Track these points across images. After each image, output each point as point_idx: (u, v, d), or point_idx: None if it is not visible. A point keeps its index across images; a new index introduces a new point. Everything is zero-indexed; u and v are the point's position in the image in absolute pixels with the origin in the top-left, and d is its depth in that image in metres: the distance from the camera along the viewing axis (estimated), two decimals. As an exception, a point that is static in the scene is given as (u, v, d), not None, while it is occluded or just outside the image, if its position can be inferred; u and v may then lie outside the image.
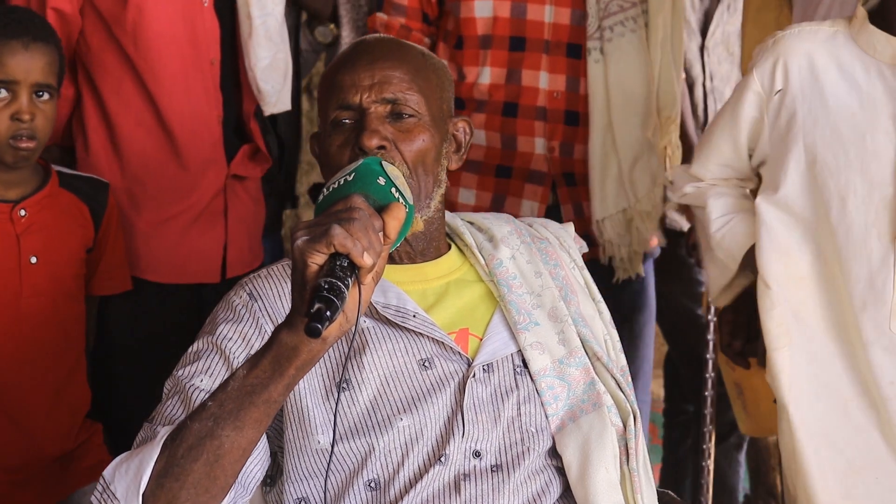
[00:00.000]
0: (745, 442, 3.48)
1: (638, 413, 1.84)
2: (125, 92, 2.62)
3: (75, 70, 2.65)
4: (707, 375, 3.14)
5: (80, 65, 2.64)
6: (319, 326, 1.39)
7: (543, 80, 2.67)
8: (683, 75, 2.99)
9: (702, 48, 3.15)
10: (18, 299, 2.33)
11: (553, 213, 2.73)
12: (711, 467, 3.22)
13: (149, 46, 2.59)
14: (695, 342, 3.29)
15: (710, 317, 3.14)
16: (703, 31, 3.17)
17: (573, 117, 2.71)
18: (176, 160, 2.66)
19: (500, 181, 2.75)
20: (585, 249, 2.06)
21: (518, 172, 2.73)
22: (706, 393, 3.15)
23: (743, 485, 3.57)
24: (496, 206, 2.73)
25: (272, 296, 1.79)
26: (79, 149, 2.66)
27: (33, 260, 2.34)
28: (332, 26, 3.33)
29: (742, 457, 3.49)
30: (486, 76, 2.68)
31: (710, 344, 3.14)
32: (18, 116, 2.26)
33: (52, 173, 2.42)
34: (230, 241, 2.76)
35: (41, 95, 2.30)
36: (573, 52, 2.69)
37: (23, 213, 2.33)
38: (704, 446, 3.18)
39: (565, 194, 2.74)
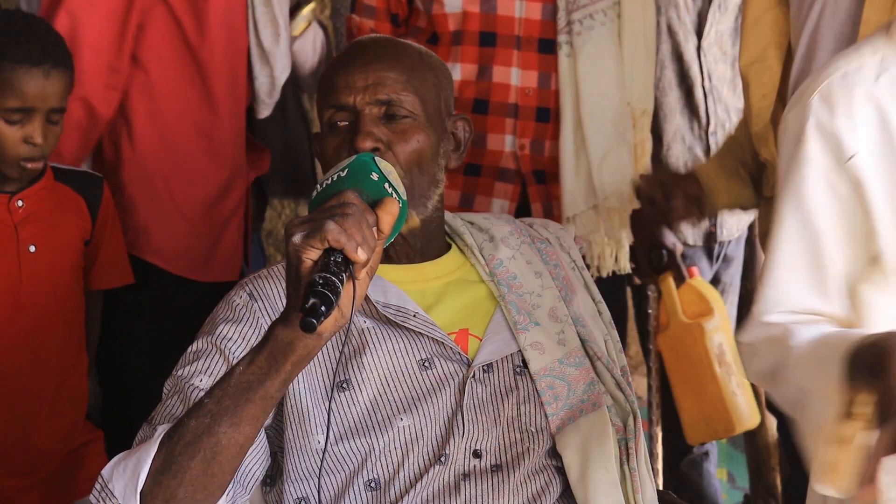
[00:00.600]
0: (713, 453, 3.45)
1: (638, 413, 1.82)
2: (184, 91, 2.66)
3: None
4: (650, 382, 3.13)
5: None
6: (314, 321, 1.39)
7: (515, 77, 2.64)
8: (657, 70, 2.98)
9: (698, 48, 3.16)
10: (19, 287, 2.35)
11: (523, 213, 2.69)
12: (661, 468, 3.20)
13: (214, 47, 2.64)
14: None
15: (649, 327, 3.13)
16: (698, 32, 3.17)
17: (544, 114, 2.67)
18: (218, 159, 2.71)
19: (469, 179, 2.71)
20: (586, 250, 2.06)
21: (487, 171, 2.70)
22: (650, 398, 3.15)
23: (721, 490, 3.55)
24: (465, 205, 2.70)
25: (273, 296, 1.79)
26: (123, 145, 2.67)
27: (32, 249, 2.36)
28: None
29: (713, 467, 3.44)
30: (456, 73, 2.65)
31: (651, 352, 3.13)
32: (32, 141, 2.27)
33: (47, 167, 2.42)
34: (249, 238, 2.84)
35: (54, 119, 2.31)
36: (545, 47, 2.65)
37: (20, 203, 2.36)
38: (653, 449, 3.18)
39: (535, 193, 2.70)
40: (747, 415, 2.77)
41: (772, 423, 3.38)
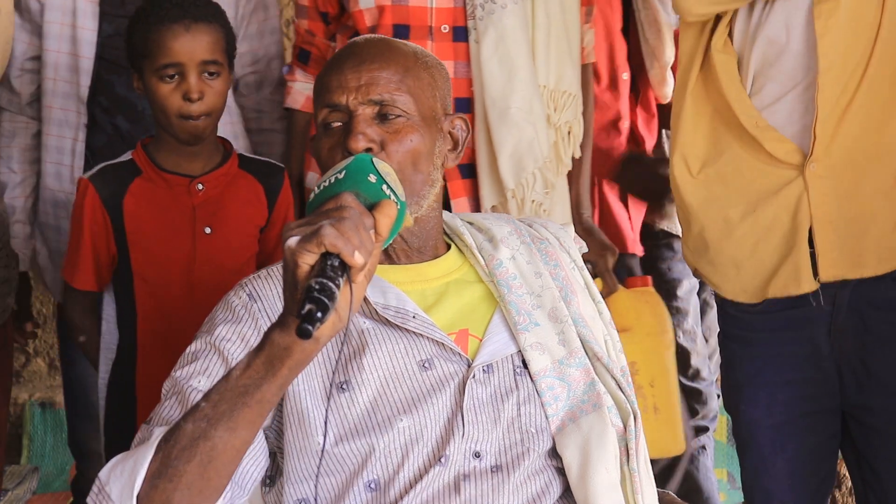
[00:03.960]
0: (710, 447, 3.42)
1: (638, 413, 1.78)
2: None
3: None
4: None
5: None
6: (310, 328, 1.35)
7: None
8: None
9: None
10: (192, 265, 2.43)
11: (444, 207, 2.62)
12: None
13: None
14: None
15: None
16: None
17: (463, 104, 2.58)
18: None
19: None
20: (585, 250, 2.03)
21: None
22: None
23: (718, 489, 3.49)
24: None
25: (272, 297, 1.75)
26: None
27: (207, 231, 2.43)
28: None
29: (710, 461, 3.41)
30: None
31: None
32: (188, 96, 2.35)
33: (232, 155, 2.49)
34: None
35: (212, 74, 2.37)
36: (459, 35, 2.57)
37: (200, 186, 2.44)
38: None
39: (458, 187, 2.62)
40: (662, 442, 2.73)
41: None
